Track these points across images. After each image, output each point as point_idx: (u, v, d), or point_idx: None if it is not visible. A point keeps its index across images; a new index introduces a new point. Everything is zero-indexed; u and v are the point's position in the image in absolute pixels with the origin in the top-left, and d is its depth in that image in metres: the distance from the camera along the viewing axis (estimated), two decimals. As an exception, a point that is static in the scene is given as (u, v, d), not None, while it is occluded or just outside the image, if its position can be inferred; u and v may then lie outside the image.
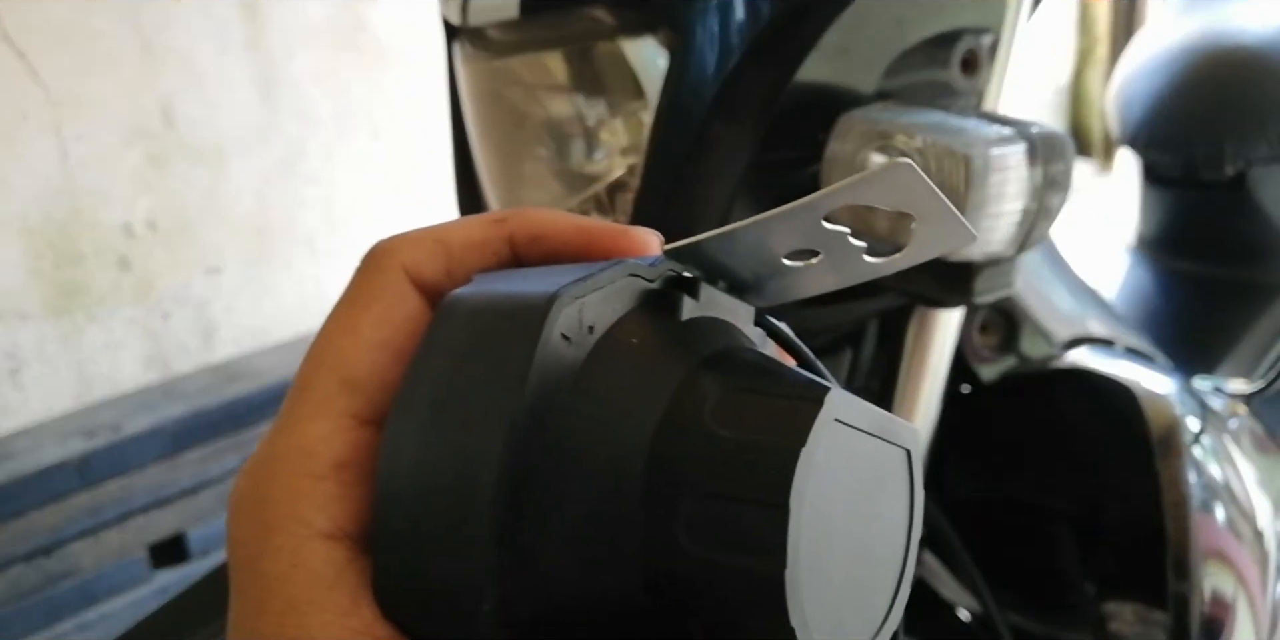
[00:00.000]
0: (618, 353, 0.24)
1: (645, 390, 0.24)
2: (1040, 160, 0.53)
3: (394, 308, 0.26)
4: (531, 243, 0.28)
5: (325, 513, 0.24)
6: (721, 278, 0.27)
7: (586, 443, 0.23)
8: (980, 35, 0.59)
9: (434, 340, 0.24)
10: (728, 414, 0.23)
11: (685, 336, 0.26)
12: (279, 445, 0.26)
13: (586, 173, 0.61)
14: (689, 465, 0.23)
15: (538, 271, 0.26)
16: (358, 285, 0.27)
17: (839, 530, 0.24)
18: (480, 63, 0.64)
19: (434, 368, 0.24)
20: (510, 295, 0.24)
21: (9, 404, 1.69)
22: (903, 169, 0.23)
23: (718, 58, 0.55)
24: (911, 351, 0.64)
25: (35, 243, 1.68)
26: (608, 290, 0.25)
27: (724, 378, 0.24)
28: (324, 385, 0.26)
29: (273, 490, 0.25)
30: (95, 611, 1.50)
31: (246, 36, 1.88)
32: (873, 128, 0.54)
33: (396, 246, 0.27)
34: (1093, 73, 3.28)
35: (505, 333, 0.23)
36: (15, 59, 1.63)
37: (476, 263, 0.27)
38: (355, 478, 0.25)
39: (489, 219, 0.28)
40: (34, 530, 1.53)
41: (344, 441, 0.25)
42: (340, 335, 0.26)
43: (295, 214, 1.99)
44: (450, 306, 0.25)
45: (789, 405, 0.23)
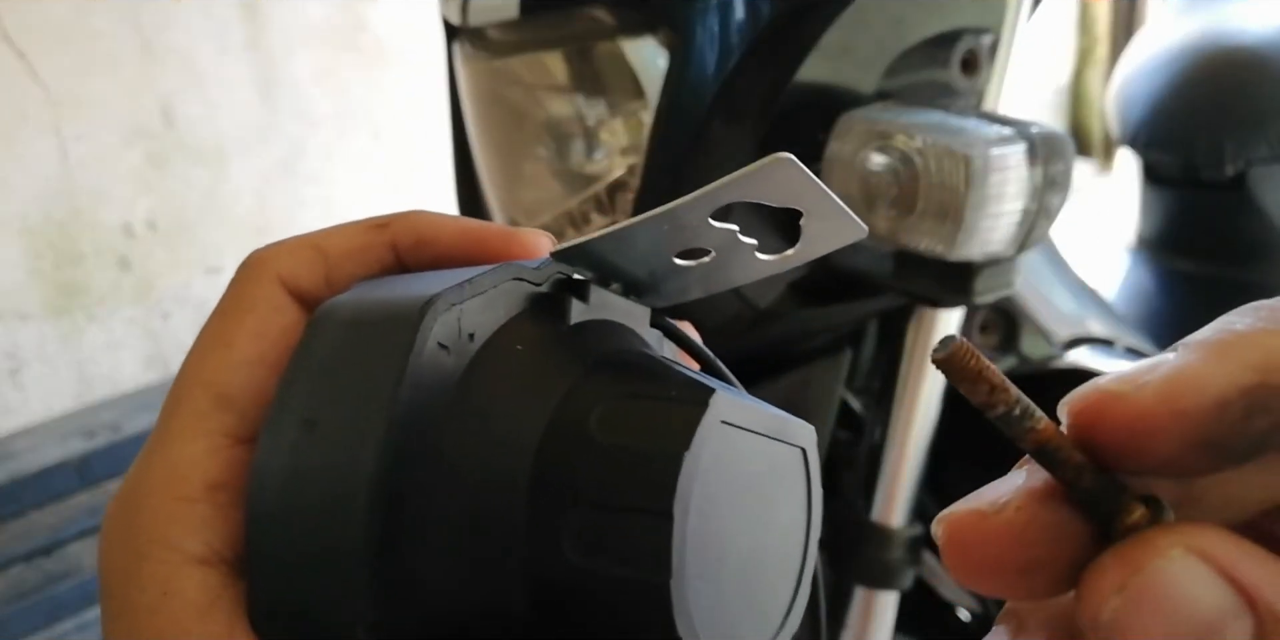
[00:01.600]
0: (500, 360, 0.23)
1: (529, 399, 0.23)
2: (1040, 160, 0.53)
3: (269, 320, 0.25)
4: (415, 248, 0.26)
5: (198, 537, 0.23)
6: (615, 279, 0.27)
7: (468, 455, 0.22)
8: (980, 35, 0.59)
9: (305, 352, 0.23)
10: (612, 421, 0.23)
11: (572, 341, 0.25)
12: (149, 467, 0.24)
13: (586, 173, 0.61)
14: (573, 475, 0.22)
15: (418, 277, 0.25)
16: (231, 297, 0.26)
17: (729, 534, 0.23)
18: (480, 63, 0.64)
19: (305, 382, 0.23)
20: (383, 303, 0.23)
21: (9, 404, 1.69)
22: (783, 163, 0.22)
23: (718, 58, 0.55)
24: (911, 351, 0.64)
25: (35, 243, 1.68)
26: (490, 295, 0.24)
27: (610, 383, 0.24)
28: (196, 403, 0.25)
29: (143, 515, 0.24)
30: (95, 611, 1.50)
31: (246, 36, 1.88)
32: (873, 127, 0.54)
33: (271, 255, 0.26)
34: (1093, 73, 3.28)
35: (377, 343, 0.22)
36: (15, 59, 1.63)
37: (357, 270, 0.26)
38: (230, 499, 0.24)
39: (370, 224, 0.27)
40: (34, 530, 1.53)
41: (217, 461, 0.24)
42: (213, 350, 0.25)
43: (295, 214, 1.98)
44: (322, 317, 0.23)
45: (673, 409, 0.22)
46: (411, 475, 0.22)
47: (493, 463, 0.23)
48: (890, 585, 0.66)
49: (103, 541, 0.24)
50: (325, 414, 0.22)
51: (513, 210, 0.66)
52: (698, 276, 0.27)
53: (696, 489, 0.22)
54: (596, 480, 0.22)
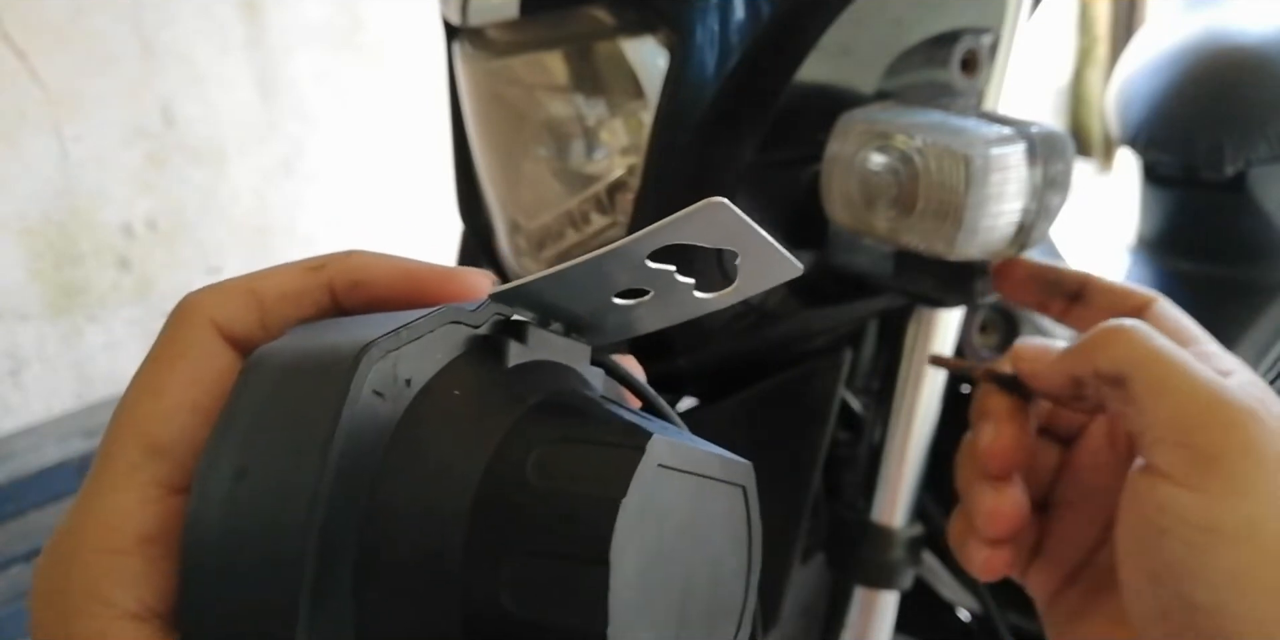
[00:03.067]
0: (437, 406, 0.23)
1: (466, 444, 0.23)
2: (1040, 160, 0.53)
3: (203, 366, 0.25)
4: (352, 289, 0.26)
5: (131, 591, 0.23)
6: (555, 318, 0.27)
7: (404, 504, 0.22)
8: (980, 35, 0.59)
9: (237, 400, 0.23)
10: (548, 466, 0.22)
11: (510, 384, 0.25)
12: (80, 519, 0.24)
13: (586, 173, 0.61)
14: (510, 522, 0.22)
15: (354, 322, 0.25)
16: (164, 342, 0.25)
17: (668, 578, 0.23)
18: (480, 63, 0.64)
19: (237, 430, 0.22)
20: (317, 350, 0.23)
21: (9, 404, 1.69)
22: (716, 207, 0.23)
23: (718, 58, 0.55)
24: (911, 351, 0.64)
25: (35, 243, 1.68)
26: (427, 339, 0.23)
27: (547, 427, 0.23)
28: (128, 452, 0.24)
29: (73, 569, 0.23)
30: (95, 611, 1.50)
31: (246, 36, 1.88)
32: (873, 128, 0.54)
33: (204, 299, 0.26)
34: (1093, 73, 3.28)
35: (310, 392, 0.22)
36: (15, 59, 1.63)
37: (293, 313, 0.26)
38: (163, 551, 0.23)
39: (305, 266, 0.26)
40: (34, 530, 1.53)
41: (150, 513, 0.23)
42: (145, 398, 0.25)
43: (295, 214, 1.99)
44: (255, 363, 0.23)
45: (610, 453, 0.22)
46: (346, 526, 0.21)
47: (429, 511, 0.22)
48: (890, 585, 0.66)
49: (34, 596, 0.24)
50: (258, 464, 0.22)
51: (513, 210, 0.66)
52: (638, 314, 0.27)
53: (634, 536, 0.21)
54: (533, 527, 0.22)
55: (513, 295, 0.25)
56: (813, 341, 0.68)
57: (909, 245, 0.54)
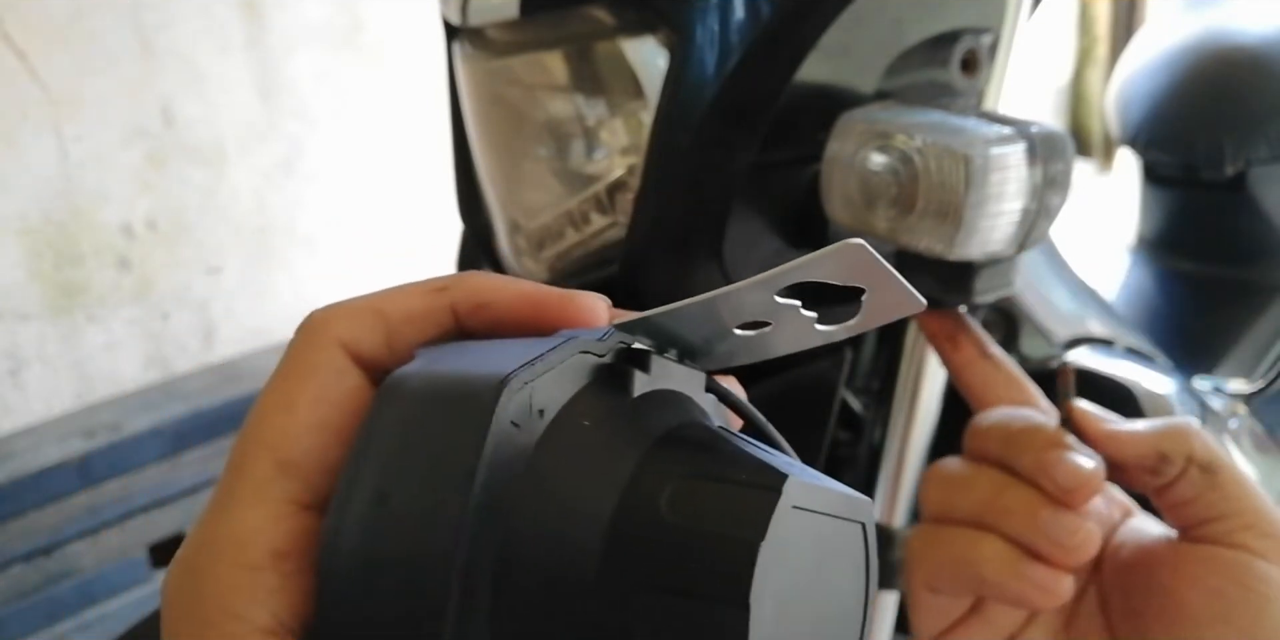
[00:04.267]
0: (569, 437, 0.23)
1: (598, 477, 0.23)
2: (1040, 160, 0.53)
3: (332, 385, 0.25)
4: (475, 311, 0.26)
5: (264, 607, 0.23)
6: (671, 346, 0.27)
7: (539, 536, 0.22)
8: (980, 35, 0.59)
9: (376, 425, 0.23)
10: (683, 503, 0.23)
11: (638, 415, 0.25)
12: (213, 533, 0.24)
13: (586, 173, 0.61)
14: (644, 558, 0.22)
15: (483, 347, 0.25)
16: (293, 360, 0.26)
17: (800, 615, 0.23)
18: (480, 63, 0.64)
19: (376, 456, 0.22)
20: (456, 379, 0.23)
21: (9, 404, 1.69)
22: (855, 249, 0.23)
23: (718, 58, 0.55)
24: (911, 351, 0.64)
25: (35, 243, 1.68)
26: (558, 370, 0.24)
27: (679, 462, 0.24)
28: (260, 468, 0.24)
29: (207, 583, 0.24)
30: (95, 611, 1.50)
31: (246, 36, 1.88)
32: (873, 128, 0.54)
33: (331, 318, 0.26)
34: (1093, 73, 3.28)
35: (452, 421, 0.22)
36: (15, 59, 1.63)
37: (418, 334, 0.26)
38: (296, 568, 0.24)
39: (430, 288, 0.27)
40: (34, 530, 1.53)
41: (282, 529, 0.24)
42: (276, 414, 0.25)
43: (295, 214, 1.99)
44: (392, 389, 0.23)
45: (746, 494, 0.22)
46: (485, 555, 0.22)
47: (563, 543, 0.23)
48: (890, 585, 0.66)
49: (166, 607, 0.24)
50: (400, 490, 0.22)
51: (513, 210, 0.66)
52: (754, 344, 0.27)
53: (771, 577, 0.22)
54: (668, 565, 0.22)
55: (636, 325, 0.26)
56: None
57: (909, 245, 0.54)
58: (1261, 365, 0.96)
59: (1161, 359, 0.82)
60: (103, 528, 1.57)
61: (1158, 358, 0.82)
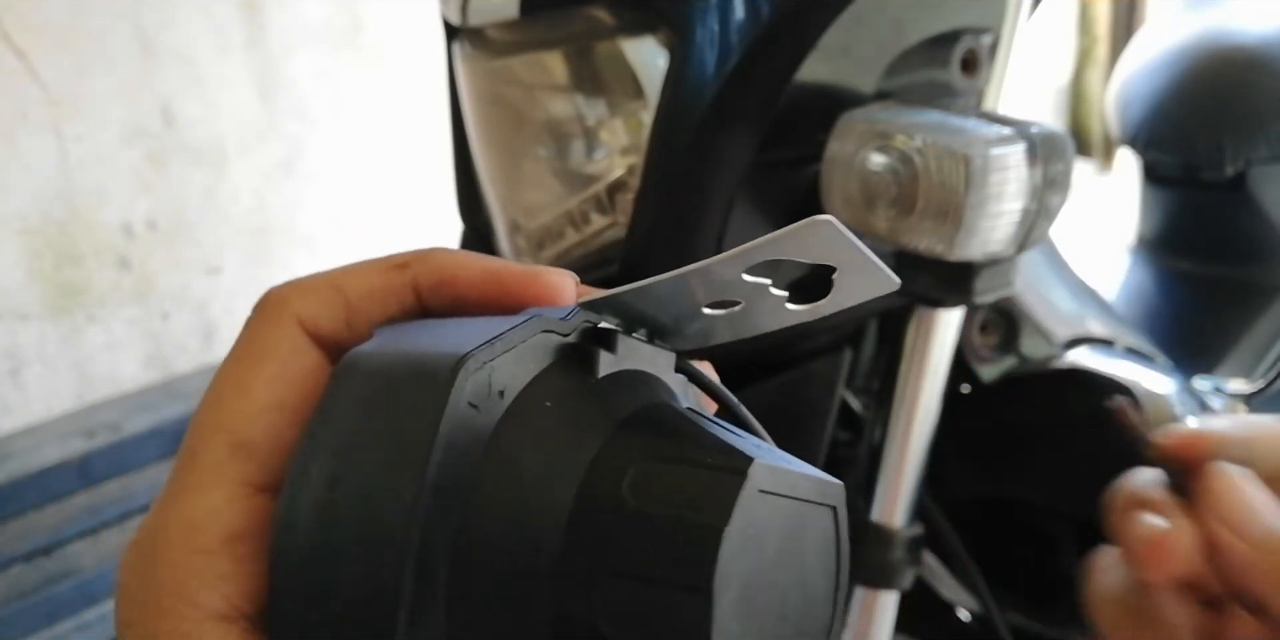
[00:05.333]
0: (530, 419, 0.23)
1: (560, 460, 0.23)
2: (1040, 160, 0.53)
3: (288, 364, 0.24)
4: (437, 288, 0.26)
5: (218, 591, 0.23)
6: (640, 325, 0.26)
7: (498, 519, 0.22)
8: (980, 35, 0.59)
9: (330, 406, 0.22)
10: (645, 487, 0.22)
11: (602, 396, 0.24)
12: (166, 518, 0.24)
13: (586, 173, 0.61)
14: (606, 543, 0.22)
15: (443, 326, 0.24)
16: (248, 339, 0.25)
17: (766, 601, 0.23)
18: (480, 63, 0.64)
19: (330, 437, 0.22)
20: (413, 359, 0.22)
21: (9, 404, 1.69)
22: (823, 225, 0.22)
23: (718, 58, 0.55)
24: (911, 351, 0.64)
25: (35, 243, 1.68)
26: (519, 349, 0.23)
27: (642, 444, 0.23)
28: (213, 450, 0.24)
29: (160, 568, 0.23)
30: (95, 611, 1.50)
31: (246, 36, 1.88)
32: (872, 128, 0.54)
33: (289, 295, 0.25)
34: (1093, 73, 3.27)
35: (407, 402, 0.22)
36: (15, 59, 1.63)
37: (378, 312, 0.25)
38: (250, 551, 0.23)
39: (390, 264, 0.26)
40: (34, 530, 1.53)
41: (236, 512, 0.23)
42: (231, 395, 0.24)
43: (295, 214, 1.98)
44: (347, 368, 0.23)
45: (711, 477, 0.22)
46: (441, 539, 0.21)
47: (524, 527, 0.22)
48: (890, 585, 0.66)
49: (120, 593, 0.24)
50: (353, 473, 0.21)
51: (513, 210, 0.66)
52: (724, 323, 0.26)
53: (736, 562, 0.21)
54: (631, 550, 0.22)
55: (602, 304, 0.25)
56: (813, 341, 0.68)
57: (909, 245, 0.54)
58: (1261, 365, 0.96)
59: (1161, 359, 0.82)
60: (103, 528, 1.57)
61: (1158, 358, 0.82)
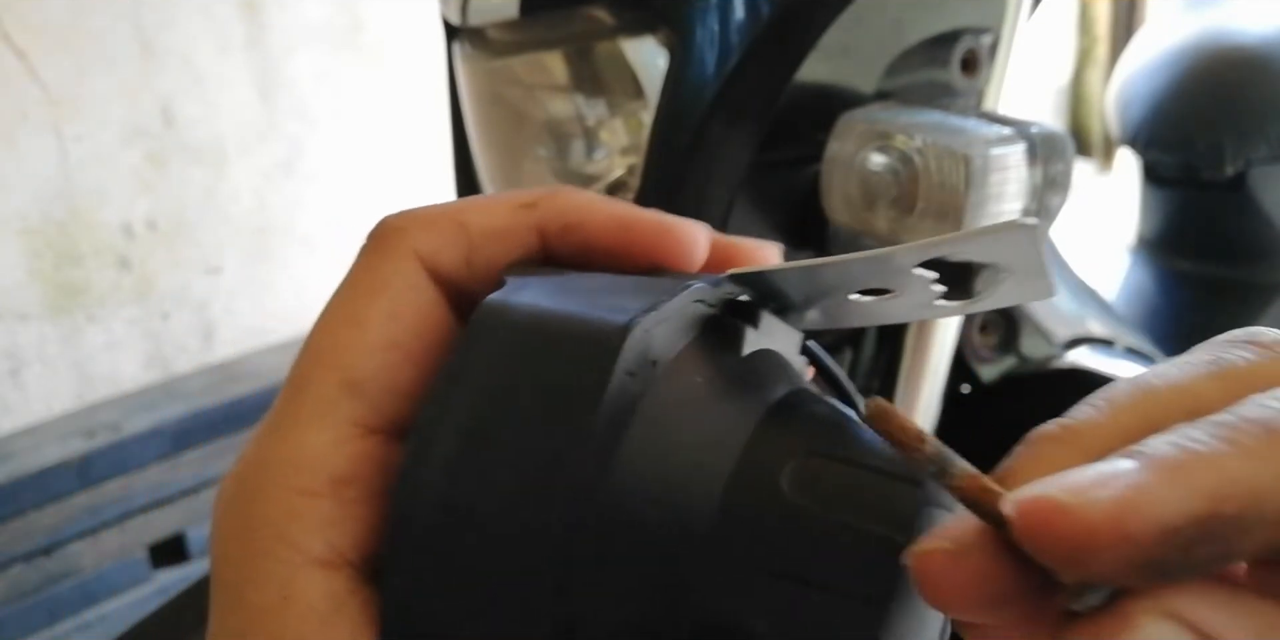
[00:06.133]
0: (681, 394, 0.21)
1: (712, 442, 0.21)
2: (1040, 160, 0.53)
3: (405, 300, 0.23)
4: (563, 232, 0.24)
5: (321, 536, 0.21)
6: (771, 301, 0.25)
7: (645, 498, 0.20)
8: (980, 35, 0.59)
9: (472, 356, 0.21)
10: (810, 483, 0.21)
11: (749, 376, 0.23)
12: (269, 453, 0.22)
13: (586, 173, 0.61)
14: (766, 540, 0.20)
15: (585, 282, 0.23)
16: (363, 269, 0.23)
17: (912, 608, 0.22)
18: (480, 63, 0.64)
19: (468, 389, 0.20)
20: (572, 318, 0.21)
21: (9, 404, 1.69)
22: (1026, 229, 0.21)
23: (718, 58, 0.55)
24: (911, 351, 0.64)
25: (35, 243, 1.68)
26: (674, 319, 0.22)
27: (799, 435, 0.22)
28: (324, 387, 0.22)
29: (262, 507, 0.22)
30: (95, 611, 1.50)
31: (246, 36, 1.88)
32: (873, 128, 0.54)
33: (408, 227, 0.24)
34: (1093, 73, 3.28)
35: (567, 364, 0.20)
36: (15, 59, 1.63)
37: (500, 252, 0.24)
38: (358, 496, 0.22)
39: (516, 203, 0.24)
40: (34, 530, 1.53)
41: (346, 454, 0.22)
42: (343, 329, 0.23)
43: (295, 214, 1.98)
44: (490, 318, 0.21)
45: (886, 485, 0.21)
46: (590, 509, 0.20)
47: (672, 509, 0.21)
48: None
49: (216, 528, 0.22)
50: (501, 430, 0.20)
51: (513, 210, 0.66)
52: (861, 310, 0.25)
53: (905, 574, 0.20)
54: (798, 553, 0.20)
55: (754, 278, 0.23)
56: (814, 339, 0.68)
57: (909, 245, 0.54)
58: (1261, 365, 0.96)
59: (1161, 359, 0.82)
60: (103, 528, 1.57)
61: (1158, 358, 0.82)
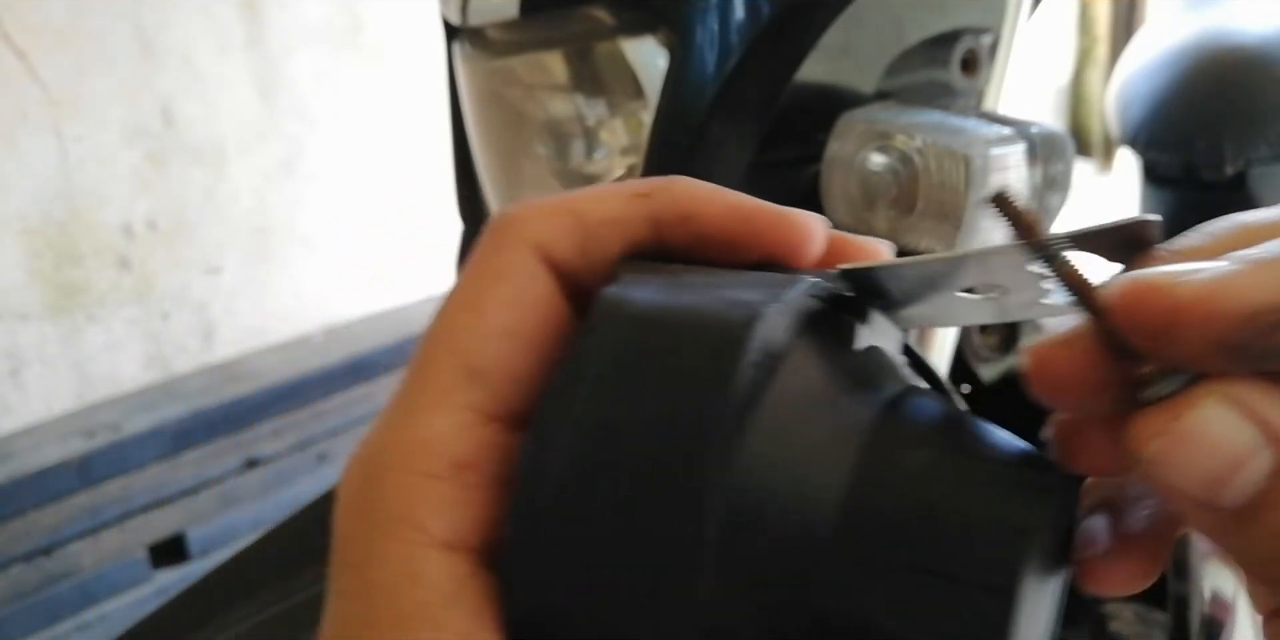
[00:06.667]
0: (800, 388, 0.21)
1: (832, 438, 0.21)
2: (1040, 160, 0.53)
3: (523, 289, 0.23)
4: (679, 223, 0.24)
5: (444, 518, 0.22)
6: (876, 298, 0.25)
7: (769, 491, 0.20)
8: (980, 35, 0.59)
9: (592, 346, 0.21)
10: (938, 478, 0.21)
11: (862, 372, 0.23)
12: (394, 436, 0.23)
13: (586, 173, 0.61)
14: (889, 532, 0.21)
15: (700, 275, 0.23)
16: (483, 259, 0.24)
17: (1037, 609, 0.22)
18: (480, 63, 0.64)
19: (591, 379, 0.21)
20: (695, 310, 0.21)
21: (9, 404, 1.69)
22: (1151, 226, 0.21)
23: (718, 58, 0.55)
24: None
25: (35, 243, 1.68)
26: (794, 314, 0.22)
27: (919, 431, 0.22)
28: (446, 372, 0.23)
29: (386, 488, 0.22)
30: (95, 611, 1.50)
31: (246, 36, 1.88)
32: (873, 128, 0.54)
33: (526, 218, 0.24)
34: (1093, 73, 3.28)
35: (692, 357, 0.20)
36: (15, 59, 1.63)
37: (615, 242, 0.24)
38: (479, 481, 0.22)
39: (631, 193, 0.24)
40: (34, 530, 1.53)
41: (466, 439, 0.22)
42: (464, 316, 0.23)
43: (295, 214, 1.98)
44: (611, 309, 0.21)
45: (1013, 479, 0.21)
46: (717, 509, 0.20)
47: (795, 505, 0.21)
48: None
49: (340, 511, 0.23)
50: (624, 421, 0.20)
51: (513, 210, 0.66)
52: (965, 308, 0.25)
53: (1031, 564, 0.20)
54: (921, 543, 0.21)
55: (864, 274, 0.23)
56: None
57: (909, 245, 0.54)
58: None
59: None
60: (103, 528, 1.57)
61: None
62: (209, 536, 1.61)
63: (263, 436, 1.78)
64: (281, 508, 1.59)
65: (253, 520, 1.62)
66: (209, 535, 1.61)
